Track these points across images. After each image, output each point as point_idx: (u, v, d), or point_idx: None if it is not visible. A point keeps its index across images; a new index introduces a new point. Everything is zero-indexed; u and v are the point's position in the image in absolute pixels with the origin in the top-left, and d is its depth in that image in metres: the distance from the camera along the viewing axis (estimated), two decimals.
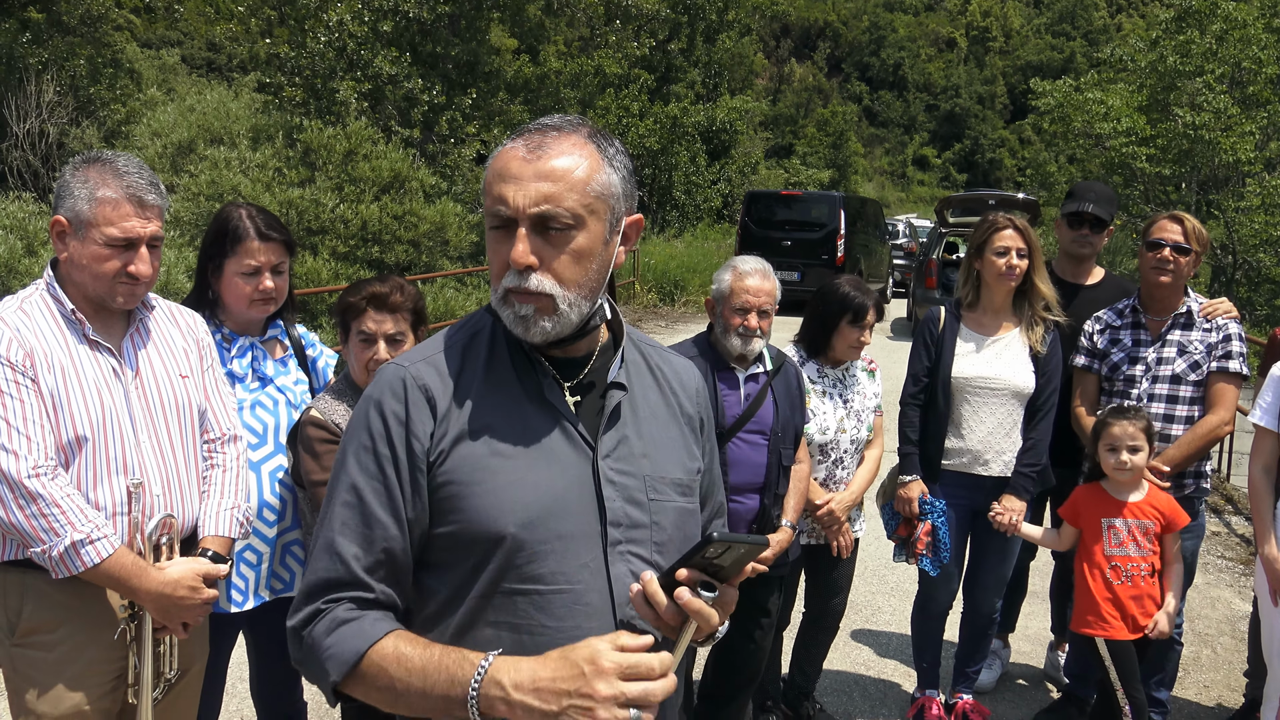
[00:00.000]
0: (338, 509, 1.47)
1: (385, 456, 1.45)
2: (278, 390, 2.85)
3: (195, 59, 44.08)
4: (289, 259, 2.82)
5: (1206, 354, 3.73)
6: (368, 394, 1.51)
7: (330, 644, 1.41)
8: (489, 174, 1.48)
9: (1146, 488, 3.59)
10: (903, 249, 24.45)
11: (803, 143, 60.36)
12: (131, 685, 2.37)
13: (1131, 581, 3.54)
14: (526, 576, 1.44)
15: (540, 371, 1.53)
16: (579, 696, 1.26)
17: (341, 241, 12.51)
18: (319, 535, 1.48)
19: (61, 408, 2.23)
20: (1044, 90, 21.81)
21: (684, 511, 1.61)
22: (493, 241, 1.49)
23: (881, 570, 5.91)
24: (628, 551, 1.51)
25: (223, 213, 2.77)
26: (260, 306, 2.76)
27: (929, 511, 3.85)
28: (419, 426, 1.45)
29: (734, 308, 3.33)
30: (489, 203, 1.47)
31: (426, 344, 1.57)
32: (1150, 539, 3.53)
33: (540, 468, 1.47)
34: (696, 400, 1.72)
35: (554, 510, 1.46)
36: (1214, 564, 6.28)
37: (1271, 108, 18.42)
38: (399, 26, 16.64)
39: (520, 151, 1.45)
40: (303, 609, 1.45)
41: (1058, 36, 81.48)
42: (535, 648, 1.40)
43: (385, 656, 1.39)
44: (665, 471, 1.59)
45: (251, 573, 2.77)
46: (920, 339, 3.94)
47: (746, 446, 3.34)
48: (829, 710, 4.20)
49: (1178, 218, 3.78)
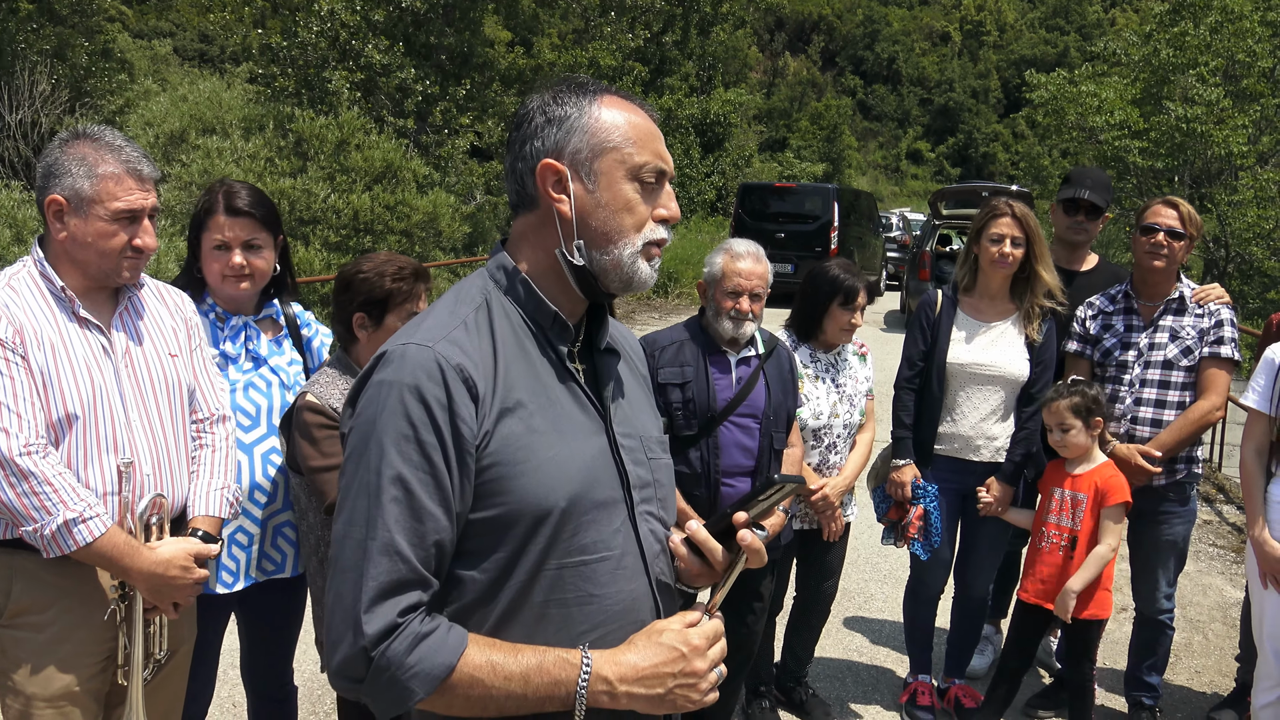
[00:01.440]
0: (388, 506, 1.35)
1: (432, 445, 1.36)
2: (271, 371, 2.83)
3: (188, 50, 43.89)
4: (268, 235, 2.76)
5: (1199, 339, 3.73)
6: (393, 379, 1.38)
7: (414, 661, 1.34)
8: (629, 128, 1.49)
9: (1098, 463, 3.64)
10: (896, 242, 24.46)
11: (796, 136, 60.33)
12: (121, 666, 2.36)
13: (1050, 549, 3.65)
14: (573, 549, 1.44)
15: (562, 342, 1.53)
16: (684, 676, 1.42)
17: (333, 231, 12.47)
18: (366, 539, 1.36)
19: (51, 385, 2.22)
20: (1038, 83, 21.82)
21: (669, 467, 1.68)
22: (635, 195, 1.50)
23: (874, 558, 5.91)
24: (646, 511, 1.56)
25: (205, 189, 2.77)
26: (233, 283, 2.71)
27: (922, 495, 3.86)
28: (463, 410, 1.38)
29: (726, 291, 3.32)
30: (643, 156, 1.49)
31: (433, 321, 1.47)
32: (1080, 511, 3.59)
33: (569, 439, 1.47)
34: (644, 362, 1.80)
35: (590, 480, 1.47)
36: (1205, 551, 6.30)
37: (1265, 101, 18.46)
38: (391, 16, 16.57)
39: (650, 114, 1.54)
40: (375, 623, 1.33)
41: (1051, 31, 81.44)
42: (583, 618, 1.45)
43: (478, 667, 1.37)
44: (650, 431, 1.64)
45: (242, 554, 2.76)
46: (917, 322, 3.94)
47: (738, 430, 3.33)
48: (822, 695, 4.21)
49: (1172, 202, 3.78)
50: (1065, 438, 3.61)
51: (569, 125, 1.48)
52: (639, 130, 1.50)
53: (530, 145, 1.50)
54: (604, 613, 1.46)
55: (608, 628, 1.46)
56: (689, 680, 1.42)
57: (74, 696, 2.29)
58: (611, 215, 1.48)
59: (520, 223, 1.56)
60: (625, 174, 1.48)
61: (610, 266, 1.50)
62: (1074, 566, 3.57)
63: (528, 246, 1.55)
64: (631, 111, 1.51)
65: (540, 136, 1.49)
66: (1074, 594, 3.52)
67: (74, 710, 2.30)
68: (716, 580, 1.53)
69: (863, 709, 4.19)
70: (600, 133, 1.48)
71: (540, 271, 1.53)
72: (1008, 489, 3.81)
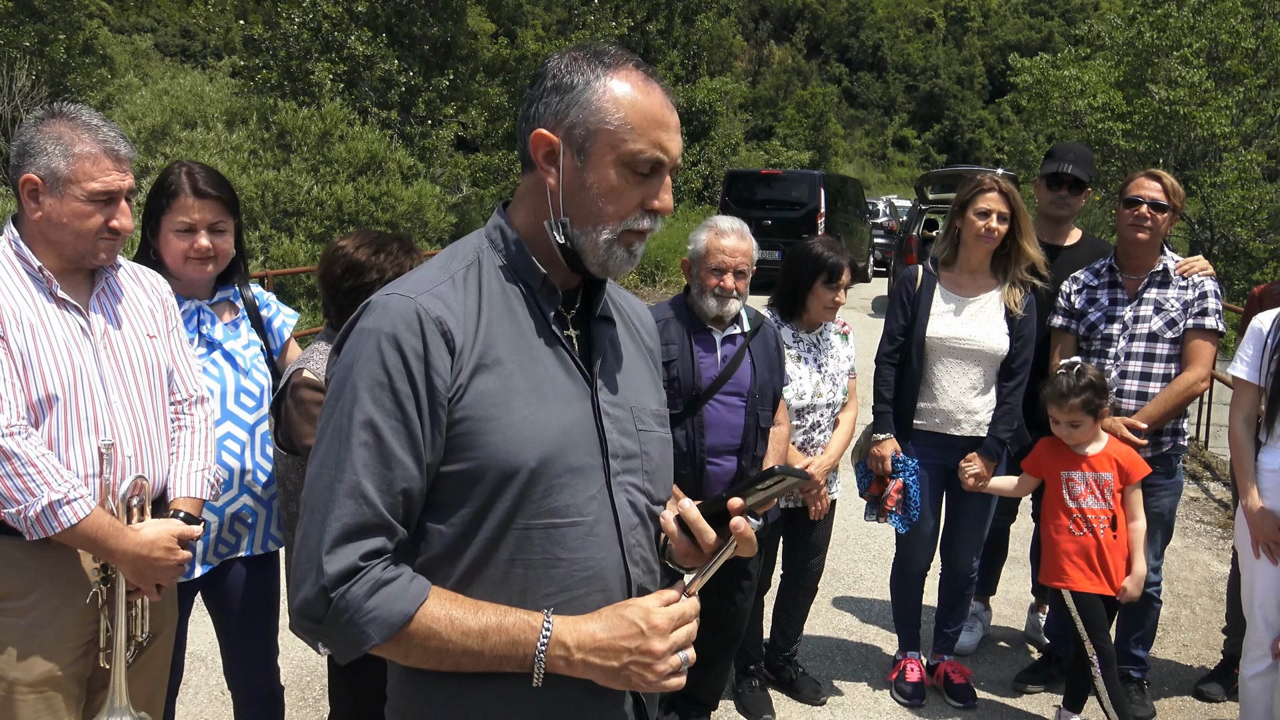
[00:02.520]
0: (357, 449, 1.36)
1: (405, 394, 1.37)
2: (224, 356, 2.78)
3: (169, 46, 43.62)
4: (230, 219, 2.73)
5: (1183, 311, 3.74)
6: (373, 326, 1.39)
7: (372, 607, 1.34)
8: (629, 112, 1.43)
9: (1105, 440, 3.62)
10: (883, 228, 24.48)
11: (783, 125, 60.35)
12: (104, 649, 2.33)
13: (1093, 533, 3.58)
14: (543, 511, 1.43)
15: (549, 305, 1.51)
16: (639, 653, 1.39)
17: (317, 223, 12.42)
18: (335, 480, 1.37)
19: (31, 367, 2.19)
20: (1022, 67, 21.85)
21: (665, 441, 1.64)
22: (622, 181, 1.45)
23: (864, 539, 5.92)
24: (626, 481, 1.54)
25: (164, 171, 2.72)
26: (197, 266, 2.68)
27: (901, 470, 3.86)
28: (438, 362, 1.38)
29: (710, 268, 3.31)
30: (639, 144, 1.44)
31: (422, 274, 1.48)
32: (1110, 490, 3.56)
33: (551, 402, 1.46)
34: (654, 335, 1.76)
35: (566, 444, 1.45)
36: (1192, 528, 6.33)
37: (1249, 82, 18.51)
38: (374, 7, 16.49)
39: (664, 99, 1.47)
40: (336, 564, 1.34)
41: (1036, 16, 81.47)
42: (548, 581, 1.44)
43: (436, 620, 1.37)
44: (645, 403, 1.62)
45: (198, 542, 2.67)
46: (897, 298, 3.93)
47: (723, 408, 3.33)
48: (811, 673, 4.21)
49: (1155, 175, 3.79)
50: (1074, 432, 3.58)
51: (572, 98, 1.44)
52: (642, 115, 1.44)
53: (535, 108, 1.48)
54: (569, 577, 1.45)
55: (573, 592, 1.45)
56: (645, 659, 1.39)
57: (57, 681, 2.27)
58: (595, 198, 1.45)
59: (523, 182, 1.55)
60: (615, 159, 1.44)
61: (588, 247, 1.48)
62: (1119, 545, 3.56)
63: (524, 209, 1.54)
64: (642, 94, 1.45)
65: (545, 101, 1.46)
66: (1143, 577, 3.56)
67: (57, 695, 2.28)
68: (703, 564, 1.51)
69: (852, 686, 4.20)
70: (600, 112, 1.43)
71: (533, 235, 1.52)
72: (990, 464, 3.81)
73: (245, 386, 2.79)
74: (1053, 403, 3.59)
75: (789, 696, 4.08)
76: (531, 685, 1.41)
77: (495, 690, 1.44)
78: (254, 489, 2.80)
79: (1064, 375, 3.58)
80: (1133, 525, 3.58)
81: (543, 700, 1.44)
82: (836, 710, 4.02)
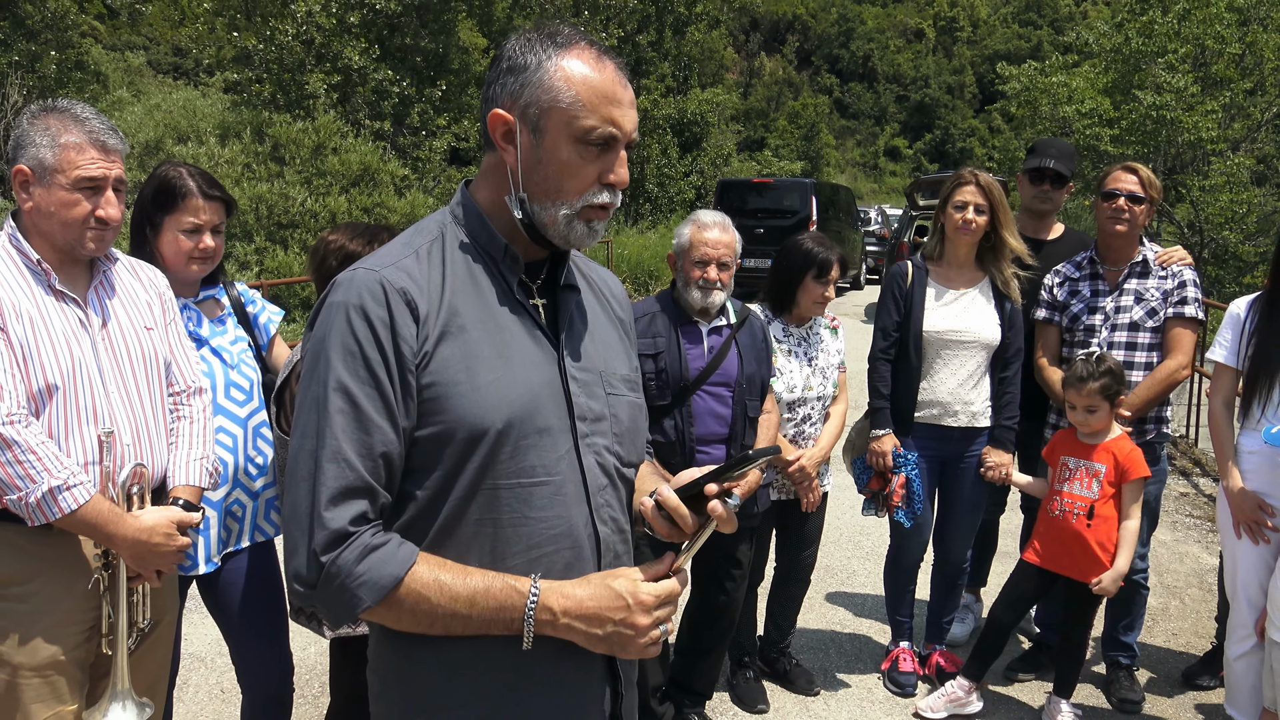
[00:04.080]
0: (335, 416, 1.42)
1: (376, 361, 1.42)
2: (212, 352, 2.83)
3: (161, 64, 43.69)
4: (225, 220, 2.84)
5: (1163, 300, 3.81)
6: (341, 300, 1.45)
7: (363, 571, 1.39)
8: (581, 89, 1.47)
9: (1114, 433, 3.66)
10: (875, 235, 24.57)
11: (775, 135, 60.57)
12: (106, 635, 2.37)
13: (1064, 517, 3.64)
14: (511, 471, 1.48)
15: (512, 274, 1.56)
16: (623, 625, 1.46)
17: (311, 235, 12.49)
18: (317, 449, 1.42)
19: (31, 358, 2.24)
20: (1010, 75, 22.01)
21: (635, 405, 1.70)
22: (576, 157, 1.49)
23: (857, 535, 5.97)
24: (596, 443, 1.59)
25: (161, 171, 2.77)
26: (199, 264, 2.76)
27: (903, 464, 3.90)
28: (405, 330, 1.44)
29: (694, 260, 3.37)
30: (591, 120, 1.48)
31: (387, 250, 1.54)
32: (1100, 482, 3.60)
33: (517, 366, 1.51)
34: (624, 306, 1.82)
35: (533, 407, 1.50)
36: (1182, 522, 6.39)
37: (1235, 86, 18.67)
38: (366, 19, 16.59)
39: (616, 75, 1.51)
40: (325, 529, 1.39)
41: (1025, 25, 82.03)
42: (516, 539, 1.49)
43: (425, 584, 1.42)
44: (615, 368, 1.67)
45: (199, 537, 2.74)
46: (888, 294, 3.99)
47: (711, 399, 3.38)
48: (806, 665, 4.26)
49: (1132, 168, 3.86)
50: (1089, 418, 3.62)
51: (525, 78, 1.49)
52: (594, 92, 1.48)
53: (493, 88, 1.53)
54: (538, 535, 1.50)
55: (542, 549, 1.51)
56: (628, 631, 1.46)
57: (60, 665, 2.31)
58: (551, 175, 1.50)
59: (484, 161, 1.61)
60: (570, 136, 1.48)
61: (548, 222, 1.53)
62: (1091, 535, 3.59)
63: (486, 186, 1.59)
64: (594, 70, 1.49)
65: (502, 82, 1.52)
66: (1123, 574, 3.57)
67: (60, 679, 2.32)
68: (684, 540, 1.56)
69: (846, 677, 4.24)
70: (553, 90, 1.47)
71: (495, 211, 1.58)
72: (1005, 454, 3.89)
73: (234, 381, 2.84)
74: (1071, 387, 3.63)
75: (783, 688, 4.12)
76: (509, 644, 1.47)
77: (472, 647, 1.49)
78: (246, 482, 2.84)
79: (1083, 362, 3.63)
80: (1124, 524, 3.60)
81: (520, 658, 1.49)
82: (830, 701, 4.06)
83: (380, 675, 1.58)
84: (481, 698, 1.52)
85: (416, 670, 1.52)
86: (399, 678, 1.54)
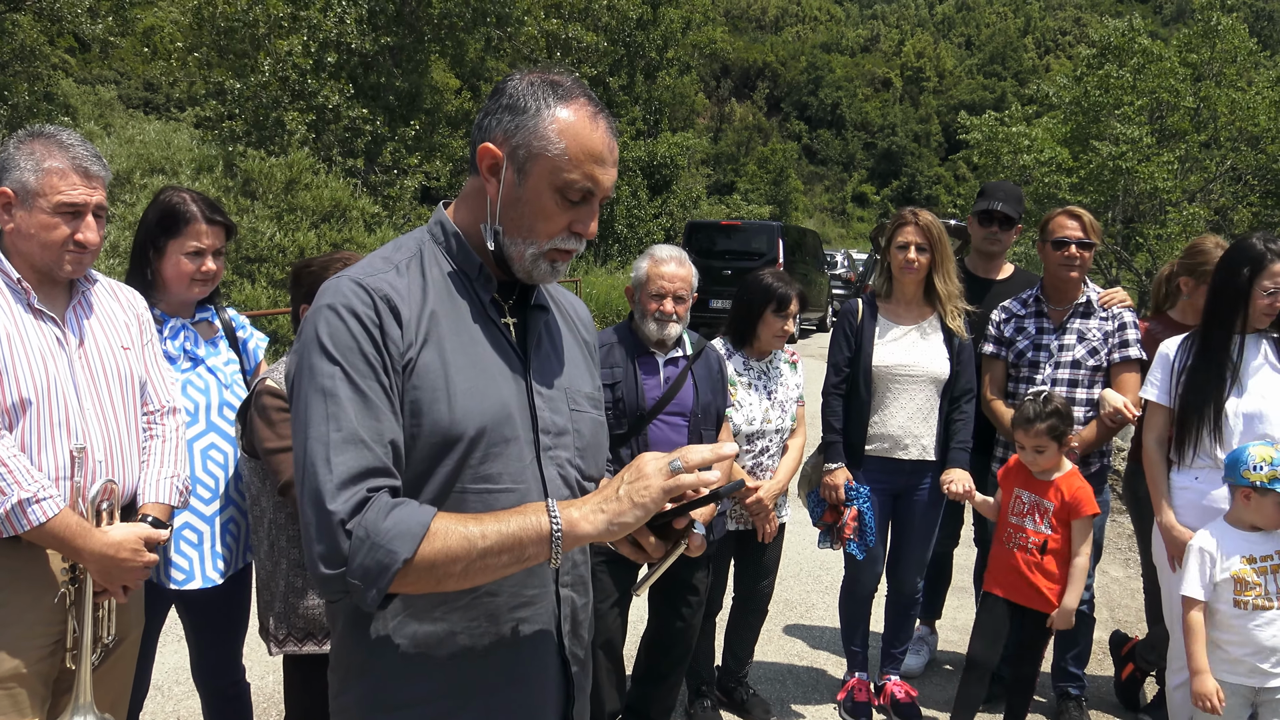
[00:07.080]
0: (346, 404, 1.45)
1: (373, 356, 1.49)
2: (209, 371, 2.94)
3: (132, 98, 43.64)
4: (226, 244, 2.96)
5: (1104, 341, 3.97)
6: (331, 303, 1.51)
7: (391, 524, 1.41)
8: (571, 143, 1.57)
9: (1065, 470, 3.73)
10: (841, 278, 24.92)
11: (744, 180, 61.22)
12: (70, 650, 2.41)
13: (1021, 550, 3.71)
14: (480, 476, 1.57)
15: (485, 291, 1.66)
16: (633, 480, 1.48)
17: (279, 269, 12.51)
18: (329, 433, 1.44)
19: (7, 373, 2.30)
20: (972, 125, 22.51)
21: (597, 422, 1.80)
22: (552, 204, 1.60)
23: (816, 570, 6.06)
24: (558, 456, 1.68)
25: (165, 196, 2.88)
26: (201, 286, 2.89)
27: (855, 497, 4.00)
28: (392, 331, 1.51)
29: (650, 293, 3.48)
30: (574, 175, 1.58)
31: (368, 263, 1.61)
32: (1049, 518, 3.67)
33: (488, 379, 1.60)
34: (590, 329, 1.93)
35: (501, 417, 1.59)
36: (1134, 559, 6.52)
37: (1190, 138, 19.22)
38: (341, 59, 16.75)
39: (606, 137, 1.62)
40: (347, 502, 1.41)
41: (989, 77, 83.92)
42: None
43: (453, 520, 1.45)
44: (579, 386, 1.78)
45: (194, 552, 2.83)
46: (840, 331, 4.11)
47: (667, 428, 3.47)
48: (763, 695, 4.32)
49: (1074, 214, 4.03)
50: (1038, 458, 3.67)
51: (522, 120, 1.59)
52: (583, 149, 1.58)
53: (488, 120, 1.63)
54: None
55: None
56: (639, 482, 1.47)
57: (22, 678, 2.34)
58: (527, 215, 1.61)
59: (466, 185, 1.71)
60: (551, 185, 1.59)
61: (515, 257, 1.64)
62: (1042, 571, 3.64)
63: (465, 209, 1.70)
64: (587, 128, 1.59)
65: (498, 117, 1.62)
66: (1072, 611, 3.63)
67: (22, 692, 2.34)
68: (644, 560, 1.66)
69: (802, 708, 4.31)
70: (545, 139, 1.58)
71: (471, 232, 1.68)
72: (964, 473, 3.92)
73: (228, 400, 2.94)
74: (1019, 428, 3.69)
75: (740, 717, 4.18)
76: (471, 636, 1.57)
77: (432, 640, 1.58)
78: (237, 500, 2.94)
79: (1030, 402, 3.69)
80: (1074, 561, 3.64)
81: (479, 654, 1.58)
82: None
83: (340, 675, 1.64)
84: (441, 694, 1.59)
85: (375, 666, 1.58)
86: (359, 674, 1.60)
